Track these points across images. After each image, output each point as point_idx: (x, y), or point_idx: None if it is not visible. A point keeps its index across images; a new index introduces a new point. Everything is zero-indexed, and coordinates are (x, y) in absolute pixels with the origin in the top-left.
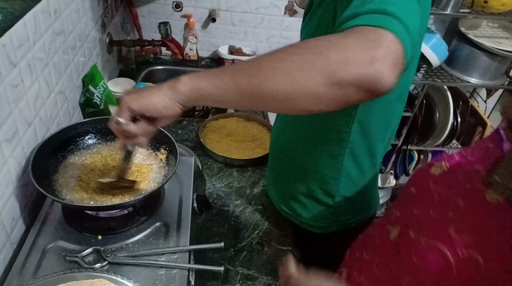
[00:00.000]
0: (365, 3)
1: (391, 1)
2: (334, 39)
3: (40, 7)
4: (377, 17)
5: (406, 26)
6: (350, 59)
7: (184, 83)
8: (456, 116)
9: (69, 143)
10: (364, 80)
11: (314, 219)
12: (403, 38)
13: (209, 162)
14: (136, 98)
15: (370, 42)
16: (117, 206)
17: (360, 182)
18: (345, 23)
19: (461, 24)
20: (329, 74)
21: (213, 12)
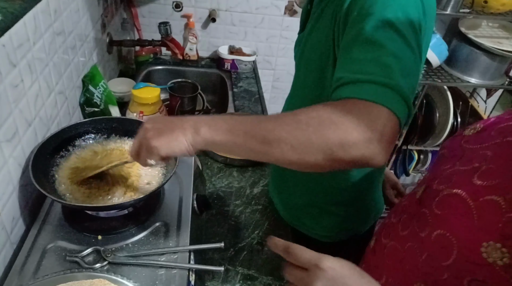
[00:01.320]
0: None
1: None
2: (331, 116)
3: (40, 7)
4: (374, 90)
5: (403, 93)
6: (348, 142)
7: (205, 133)
8: (456, 116)
9: (69, 143)
10: (359, 160)
11: (321, 229)
12: (399, 109)
13: (209, 162)
14: (165, 144)
15: (367, 122)
16: (117, 206)
17: (367, 189)
18: (342, 90)
19: (461, 24)
20: (329, 154)
21: (213, 12)
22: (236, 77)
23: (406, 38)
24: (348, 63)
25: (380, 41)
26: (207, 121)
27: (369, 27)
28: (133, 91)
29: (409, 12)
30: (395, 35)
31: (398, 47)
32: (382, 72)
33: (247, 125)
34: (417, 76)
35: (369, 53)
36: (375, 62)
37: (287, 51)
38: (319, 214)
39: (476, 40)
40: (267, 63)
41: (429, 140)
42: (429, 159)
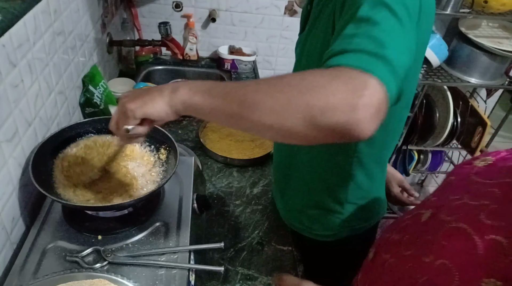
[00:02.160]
0: (356, 37)
1: (384, 39)
2: (318, 79)
3: (40, 7)
4: (364, 59)
5: (394, 70)
6: (330, 106)
7: (182, 93)
8: (456, 116)
9: (69, 143)
10: (343, 127)
11: (324, 229)
12: (388, 82)
13: (209, 162)
14: (140, 105)
15: (353, 89)
16: (117, 206)
17: (369, 188)
18: (332, 59)
19: (461, 24)
20: (308, 118)
21: (213, 12)
22: (236, 77)
23: (400, 19)
24: (340, 39)
25: (374, 18)
26: (188, 83)
27: (364, 7)
28: None
29: None
30: (389, 15)
31: (392, 25)
32: (373, 44)
33: (228, 87)
34: (410, 55)
35: (360, 29)
36: (366, 36)
37: (287, 51)
38: (320, 214)
39: (476, 40)
40: (267, 63)
41: (429, 141)
42: (429, 159)
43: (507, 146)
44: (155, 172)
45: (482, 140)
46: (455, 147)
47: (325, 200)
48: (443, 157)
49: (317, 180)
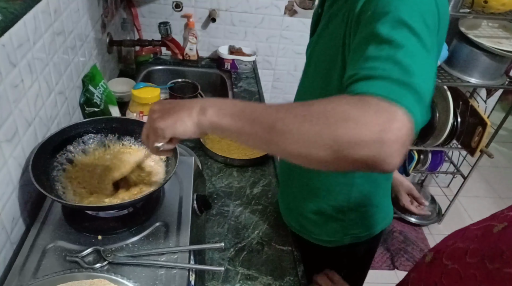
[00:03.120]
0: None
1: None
2: (346, 110)
3: (40, 7)
4: (392, 88)
5: (421, 98)
6: (358, 140)
7: (210, 116)
8: (456, 116)
9: (69, 143)
10: (370, 161)
11: (325, 234)
12: (415, 112)
13: (209, 162)
14: (170, 125)
15: (382, 123)
16: (117, 206)
17: (373, 195)
18: (358, 85)
19: (461, 24)
20: (336, 150)
21: (213, 12)
22: (236, 77)
23: (422, 39)
24: (362, 61)
25: (396, 40)
26: (216, 103)
27: (384, 26)
28: (133, 91)
29: (425, 13)
30: (411, 35)
31: (415, 47)
32: (398, 70)
33: (257, 112)
34: (434, 79)
35: (384, 51)
36: (391, 60)
37: (287, 51)
38: (323, 220)
39: (476, 40)
40: (267, 63)
41: (429, 141)
42: (429, 159)
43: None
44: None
45: (482, 140)
46: (455, 147)
47: (327, 207)
48: (443, 157)
49: (320, 186)
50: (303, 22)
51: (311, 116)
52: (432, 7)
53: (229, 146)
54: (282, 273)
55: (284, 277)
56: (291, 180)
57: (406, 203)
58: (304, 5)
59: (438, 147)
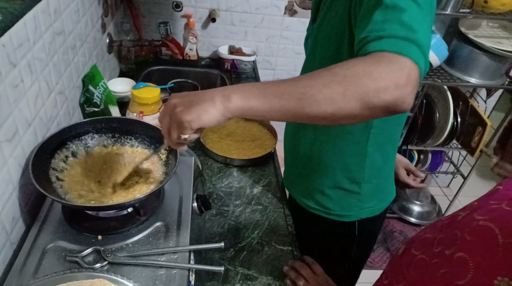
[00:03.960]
0: (387, 23)
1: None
2: (364, 67)
3: (40, 7)
4: (399, 44)
5: (423, 51)
6: (381, 88)
7: (236, 101)
8: (456, 116)
9: (69, 143)
10: (392, 104)
11: (342, 209)
12: (420, 63)
13: (209, 162)
14: (196, 117)
15: (396, 71)
16: (117, 206)
17: (383, 168)
18: (370, 45)
19: (461, 24)
20: (365, 101)
21: (213, 12)
22: (236, 77)
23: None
24: (371, 25)
25: (399, 5)
26: (238, 88)
27: None
28: (133, 91)
29: None
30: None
31: (415, 10)
32: (404, 29)
33: (281, 86)
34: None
35: (390, 15)
36: (396, 21)
37: (287, 51)
38: (339, 195)
39: (476, 40)
40: (267, 63)
41: (429, 140)
42: (429, 159)
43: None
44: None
45: (482, 140)
46: (455, 147)
47: (343, 180)
48: (443, 157)
49: (335, 160)
50: (303, 22)
51: (336, 77)
52: None
53: (229, 146)
54: (282, 273)
55: (284, 277)
56: (303, 160)
57: (404, 177)
58: (304, 5)
59: (438, 147)
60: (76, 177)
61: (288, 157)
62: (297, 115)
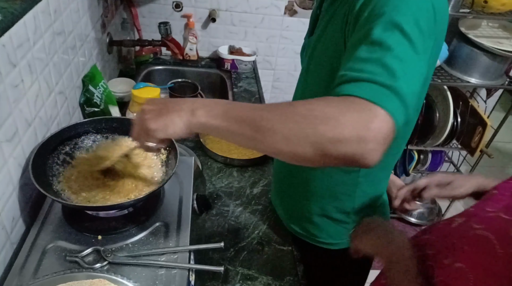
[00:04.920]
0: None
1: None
2: (329, 109)
3: (40, 7)
4: (376, 91)
5: (404, 101)
6: (340, 138)
7: (199, 117)
8: (456, 116)
9: (69, 143)
10: (351, 157)
11: (329, 237)
12: (396, 114)
13: (209, 162)
14: (161, 127)
15: (363, 121)
16: (117, 206)
17: (375, 195)
18: (344, 87)
19: (461, 24)
20: (319, 147)
21: (213, 12)
22: (236, 77)
23: (414, 43)
24: (352, 62)
25: (387, 42)
26: (205, 104)
27: (377, 28)
28: (133, 91)
29: (419, 17)
30: (403, 39)
31: (404, 51)
32: (385, 73)
33: (244, 112)
34: (421, 82)
35: (374, 54)
36: (379, 62)
37: (287, 51)
38: (326, 223)
39: (476, 40)
40: (267, 63)
41: (429, 141)
42: (429, 159)
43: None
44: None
45: (482, 141)
46: (455, 147)
47: (331, 209)
48: (443, 157)
49: (324, 188)
50: (303, 22)
51: (296, 116)
52: (428, 10)
53: (229, 146)
54: (282, 273)
55: (284, 277)
56: (291, 183)
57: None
58: (304, 5)
59: (438, 147)
60: (76, 177)
61: (276, 175)
62: (256, 147)
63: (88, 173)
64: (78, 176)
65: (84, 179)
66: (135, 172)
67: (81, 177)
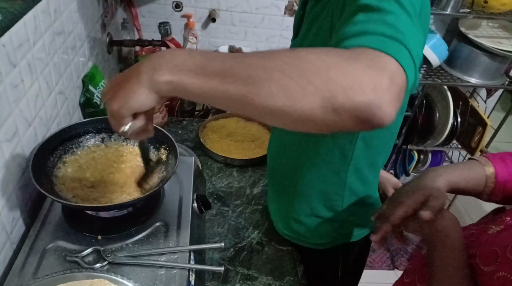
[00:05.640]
0: (371, 22)
1: (400, 27)
2: (339, 59)
3: (40, 7)
4: (385, 42)
5: (412, 56)
6: (353, 84)
7: (165, 74)
8: (456, 116)
9: (69, 143)
10: (363, 108)
11: (319, 237)
12: (408, 69)
13: (209, 162)
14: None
15: (376, 69)
16: (117, 206)
17: (363, 194)
18: (350, 39)
19: (461, 24)
20: (328, 97)
21: (213, 12)
22: None
23: (410, 14)
24: (351, 25)
25: (386, 8)
26: (169, 57)
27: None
28: None
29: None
30: (398, 6)
31: (405, 18)
32: (391, 29)
33: (227, 62)
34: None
35: (373, 16)
36: (382, 22)
37: None
38: (317, 223)
39: (476, 40)
40: None
41: (429, 141)
42: (429, 159)
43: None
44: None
45: (482, 141)
46: (455, 147)
47: (320, 208)
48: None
49: (313, 188)
50: None
51: (298, 61)
52: None
53: (229, 146)
54: (282, 273)
55: (284, 277)
56: (283, 184)
57: None
58: None
59: (438, 147)
60: (76, 177)
61: (268, 178)
62: (245, 108)
63: (88, 173)
64: (78, 176)
65: (84, 179)
66: (135, 171)
67: (82, 176)
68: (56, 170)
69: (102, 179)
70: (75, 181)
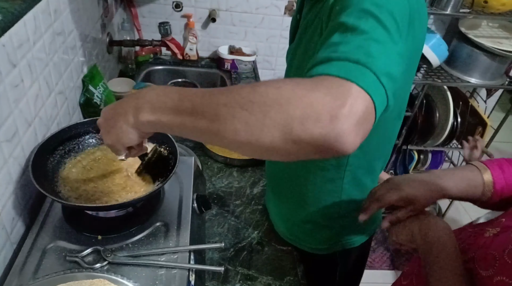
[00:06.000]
0: (342, 45)
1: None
2: (296, 89)
3: (40, 7)
4: (348, 68)
5: (379, 78)
6: (309, 116)
7: (146, 114)
8: (456, 116)
9: (69, 143)
10: (321, 139)
11: (317, 243)
12: (374, 91)
13: (209, 162)
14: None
15: (334, 97)
16: (117, 206)
17: (361, 200)
18: (315, 68)
19: (461, 24)
20: (286, 130)
21: (213, 12)
22: (236, 77)
23: (389, 30)
24: (324, 48)
25: (361, 27)
26: (152, 97)
27: (350, 16)
28: (133, 91)
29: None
30: (377, 24)
31: (380, 34)
32: (360, 52)
33: (197, 100)
34: (400, 66)
35: (347, 37)
36: (353, 44)
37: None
38: (314, 229)
39: (476, 40)
40: (267, 63)
41: (429, 141)
42: (429, 159)
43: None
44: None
45: None
46: (455, 147)
47: (317, 215)
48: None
49: (309, 195)
50: None
51: (257, 97)
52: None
53: None
54: (282, 273)
55: (284, 277)
56: (280, 188)
57: None
58: None
59: (438, 147)
60: (76, 177)
61: (267, 180)
62: (213, 141)
63: (88, 173)
64: (78, 176)
65: (84, 179)
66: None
67: (82, 176)
68: (56, 169)
69: (102, 178)
70: (75, 181)
